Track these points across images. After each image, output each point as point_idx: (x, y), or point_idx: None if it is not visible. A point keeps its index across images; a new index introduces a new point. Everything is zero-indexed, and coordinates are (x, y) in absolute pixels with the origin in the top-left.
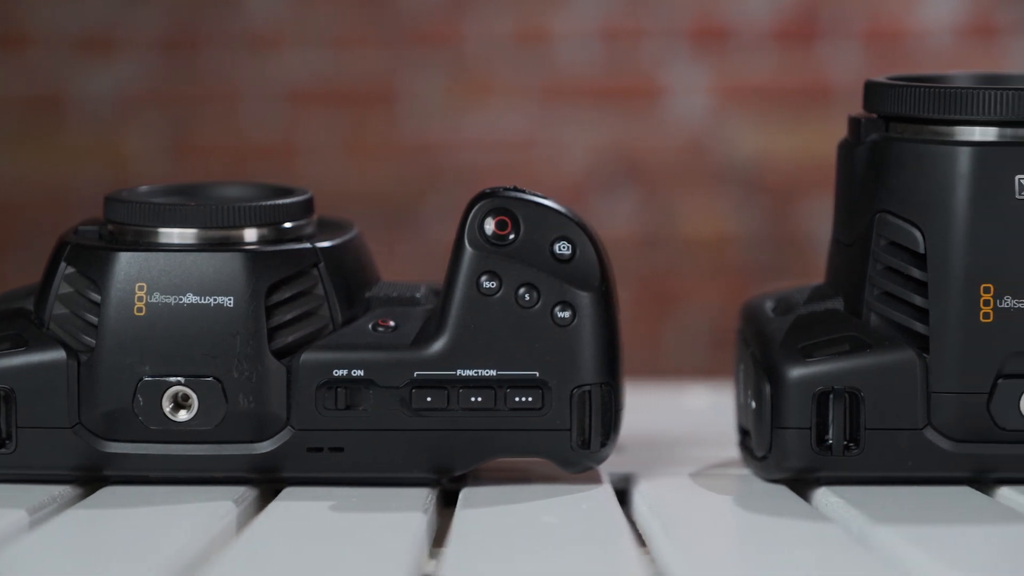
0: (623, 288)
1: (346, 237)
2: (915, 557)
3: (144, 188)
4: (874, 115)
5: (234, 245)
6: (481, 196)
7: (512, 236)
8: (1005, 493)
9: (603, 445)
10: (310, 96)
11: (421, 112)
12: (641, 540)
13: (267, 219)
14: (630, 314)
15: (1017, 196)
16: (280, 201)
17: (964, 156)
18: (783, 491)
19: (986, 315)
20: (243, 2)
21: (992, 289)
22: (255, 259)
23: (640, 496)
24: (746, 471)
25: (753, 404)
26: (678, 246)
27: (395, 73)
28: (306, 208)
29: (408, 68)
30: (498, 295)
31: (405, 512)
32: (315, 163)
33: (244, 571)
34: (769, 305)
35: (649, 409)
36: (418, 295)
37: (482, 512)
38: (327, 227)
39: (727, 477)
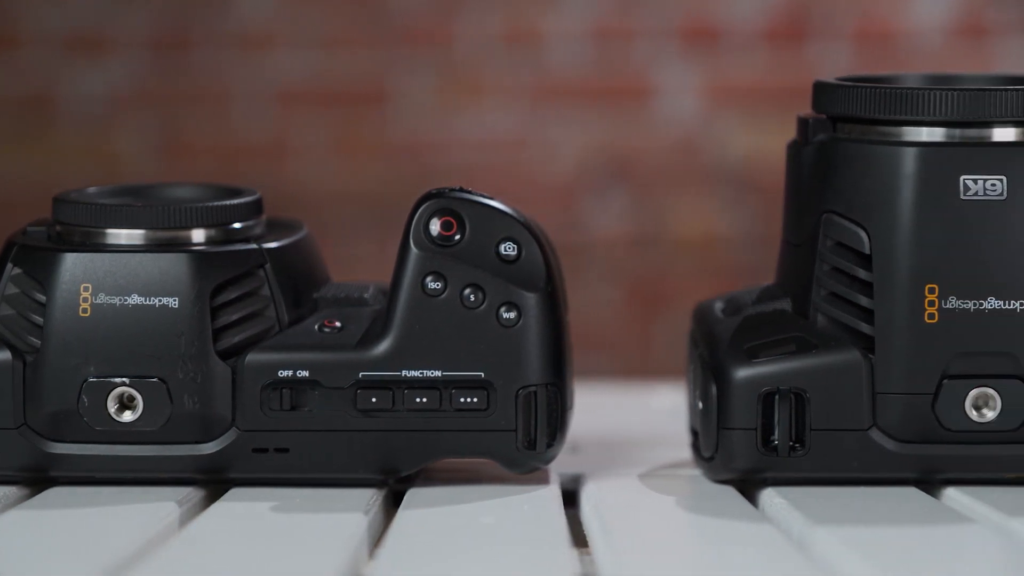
0: (614, 288)
1: (294, 238)
2: (848, 560)
3: (93, 189)
4: (823, 116)
5: (181, 246)
6: (427, 197)
7: (458, 237)
8: (951, 494)
9: (549, 446)
10: (301, 96)
11: (412, 112)
12: (586, 541)
13: (214, 220)
14: (621, 314)
15: (962, 197)
16: (227, 202)
17: (909, 156)
18: (729, 492)
19: (931, 316)
20: (233, 2)
21: (937, 290)
22: (200, 260)
23: (586, 497)
24: (696, 472)
25: (700, 405)
26: (669, 246)
27: (386, 73)
28: (254, 209)
29: (399, 68)
30: (443, 296)
31: (346, 513)
32: (306, 163)
33: (176, 571)
34: (719, 306)
35: (613, 409)
36: (366, 295)
37: (423, 513)
38: (276, 228)
39: (676, 478)
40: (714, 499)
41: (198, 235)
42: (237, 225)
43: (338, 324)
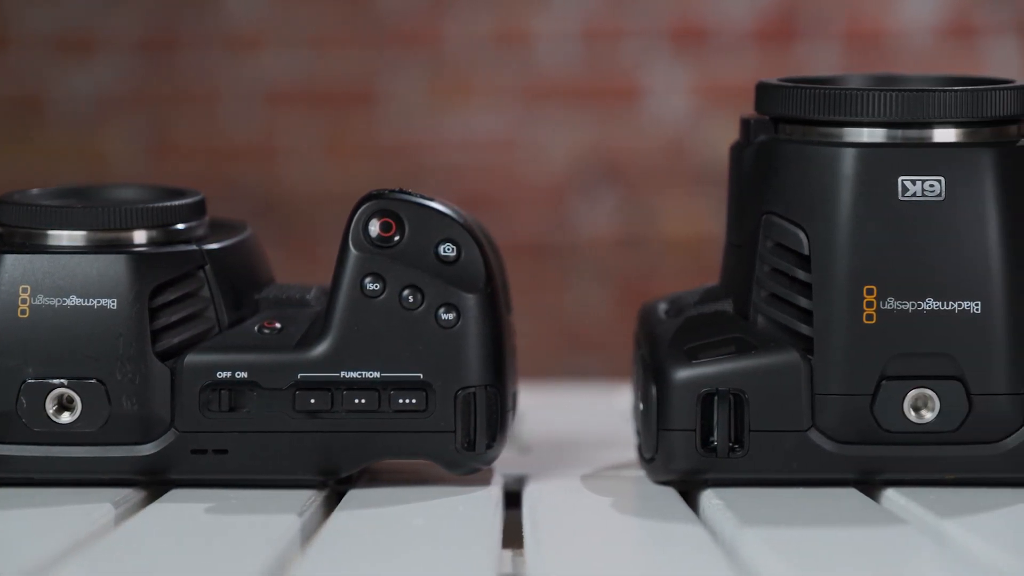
0: (603, 288)
1: (235, 239)
2: (769, 561)
3: (36, 191)
4: (765, 117)
5: (121, 247)
6: (367, 198)
7: (397, 238)
8: (890, 495)
9: (489, 447)
10: (290, 97)
11: (401, 113)
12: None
13: (154, 221)
14: (610, 314)
15: (900, 197)
16: (167, 203)
17: (847, 157)
18: (668, 493)
19: (869, 317)
20: (222, 3)
21: (875, 291)
22: (138, 261)
23: (527, 498)
24: (640, 474)
25: (641, 406)
26: (658, 246)
27: (375, 74)
28: (196, 210)
29: (388, 69)
30: (382, 297)
31: (280, 514)
32: (295, 164)
33: (99, 571)
34: (663, 307)
35: (572, 410)
36: (308, 297)
37: (357, 514)
38: (219, 229)
39: (618, 479)
40: (652, 500)
41: (139, 236)
42: (179, 226)
43: (278, 325)
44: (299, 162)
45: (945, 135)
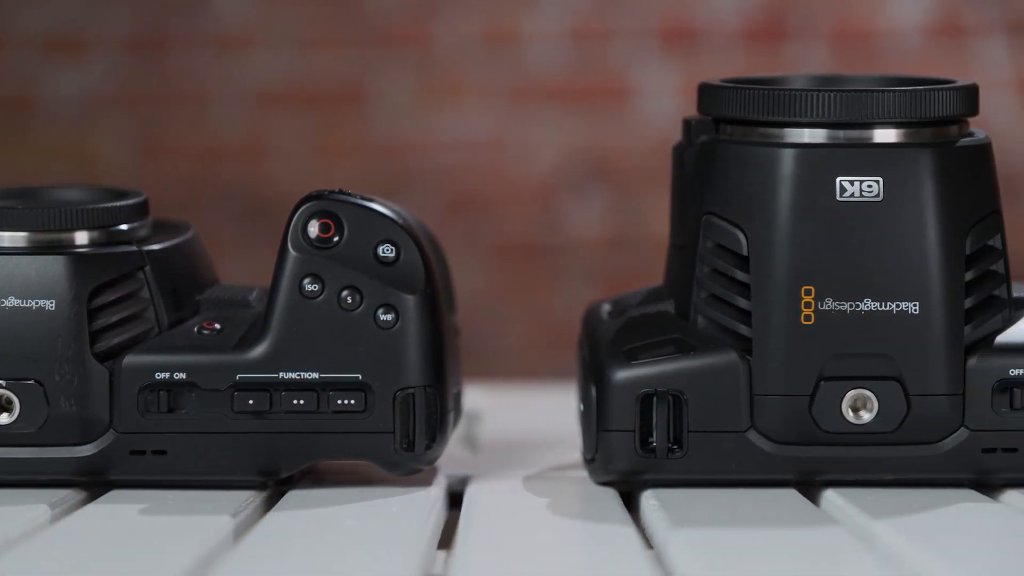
0: (592, 288)
1: (176, 240)
2: (692, 562)
3: None
4: (708, 117)
5: (62, 248)
6: (306, 199)
7: (336, 239)
8: (829, 496)
9: (428, 448)
10: (279, 97)
11: (390, 113)
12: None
13: (95, 222)
14: None
15: (838, 198)
16: (108, 204)
17: (786, 158)
18: (607, 494)
19: (807, 317)
20: (212, 3)
21: (813, 291)
22: (77, 262)
23: (467, 498)
24: (584, 474)
25: (582, 407)
26: (647, 247)
27: (364, 74)
28: (138, 211)
29: (377, 69)
30: (321, 298)
31: (214, 515)
32: (284, 164)
33: (20, 572)
34: (607, 308)
35: (537, 410)
36: (250, 298)
37: (291, 515)
38: (162, 230)
39: (561, 480)
40: (589, 501)
41: (80, 237)
42: (121, 227)
43: (217, 326)
44: (289, 162)
45: (885, 136)
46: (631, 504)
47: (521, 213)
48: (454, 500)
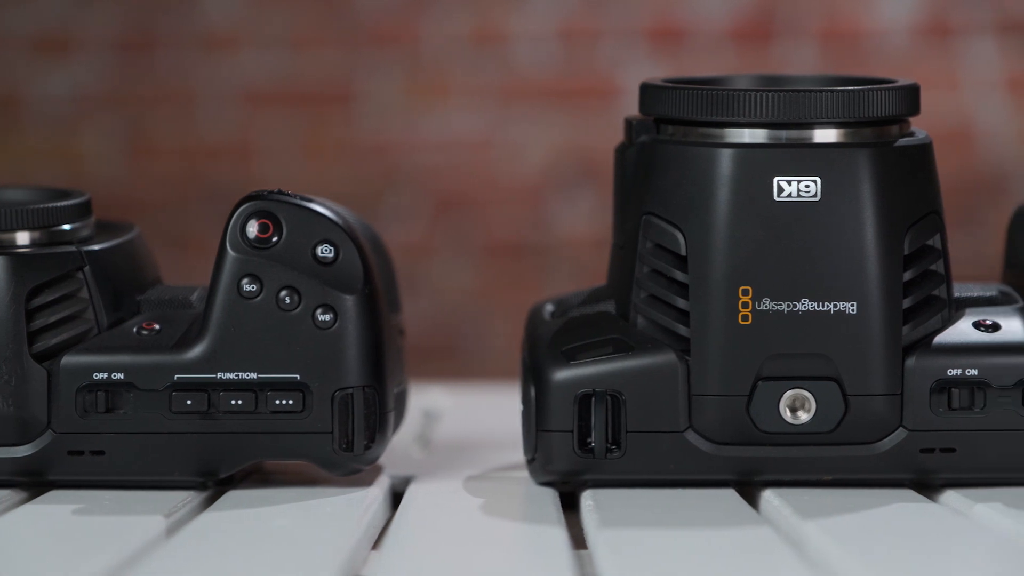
0: (580, 287)
1: (117, 240)
2: (613, 564)
3: None
4: (649, 117)
5: (2, 248)
6: (245, 199)
7: (275, 239)
8: (767, 496)
9: (367, 448)
10: (267, 97)
11: (378, 113)
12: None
13: (36, 223)
14: None
15: (776, 198)
16: (48, 204)
17: (724, 158)
18: (546, 495)
19: (745, 317)
20: (199, 3)
21: (751, 291)
22: (15, 262)
23: (406, 498)
24: (526, 474)
25: (522, 407)
26: None
27: (352, 74)
28: (80, 211)
29: (365, 69)
30: (259, 298)
31: (147, 515)
32: (272, 164)
33: None
34: (549, 308)
35: (492, 409)
36: (192, 298)
37: (223, 515)
38: (106, 230)
39: (503, 480)
40: (526, 502)
41: (21, 238)
42: (64, 227)
43: (156, 327)
44: (276, 162)
45: (825, 136)
46: (573, 504)
47: (509, 213)
48: (398, 500)
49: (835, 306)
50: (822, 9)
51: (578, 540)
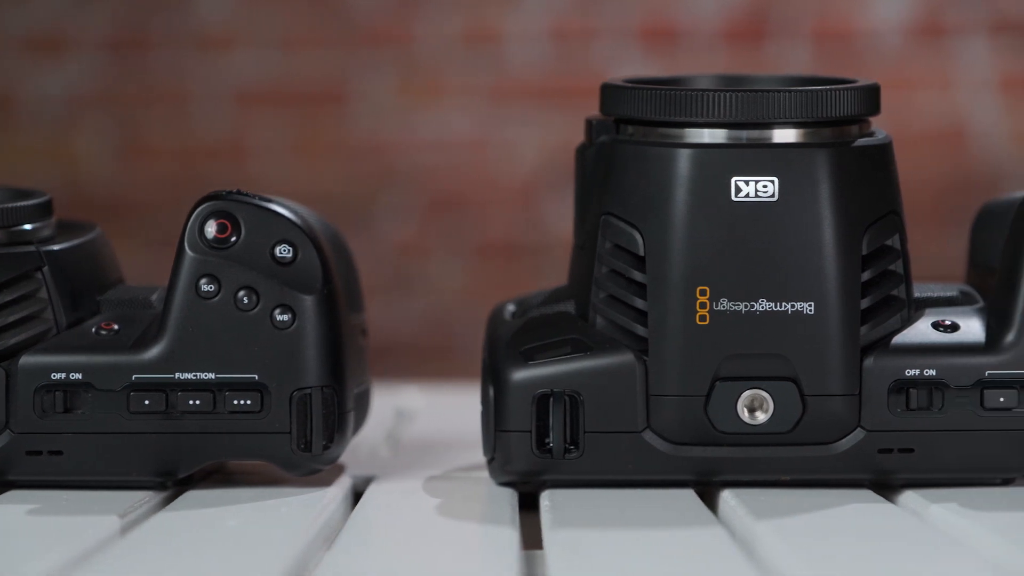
0: None
1: (78, 241)
2: (560, 565)
3: None
4: (609, 118)
5: None
6: (204, 199)
7: (233, 239)
8: (725, 497)
9: (326, 448)
10: (260, 97)
11: (372, 112)
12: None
13: None
14: None
15: (733, 198)
16: (8, 205)
17: (682, 158)
18: (504, 495)
19: (702, 318)
20: (192, 2)
21: (708, 292)
22: None
23: (364, 498)
24: (487, 474)
25: (482, 407)
26: None
27: (345, 73)
28: (40, 211)
29: (359, 68)
30: (217, 298)
31: (101, 515)
32: (265, 164)
33: None
34: (510, 308)
35: (466, 410)
36: (152, 298)
37: (177, 515)
38: (67, 230)
39: (464, 480)
40: (483, 502)
41: None
42: (24, 227)
43: (115, 327)
44: (270, 162)
45: (784, 136)
46: (533, 505)
47: (503, 213)
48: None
49: (792, 306)
50: (815, 9)
51: (536, 540)
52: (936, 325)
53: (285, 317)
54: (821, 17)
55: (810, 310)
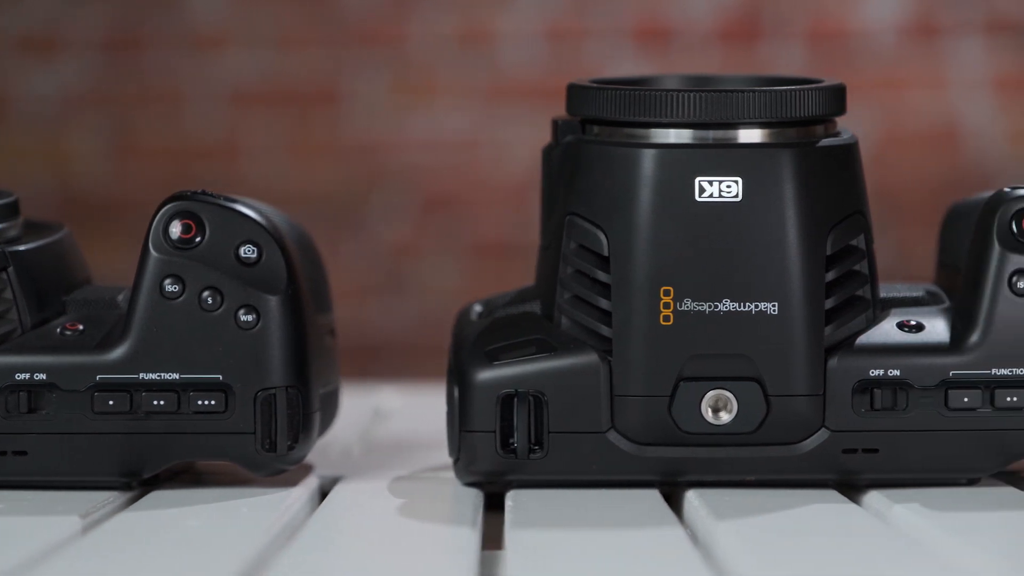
0: None
1: (43, 241)
2: (514, 563)
3: None
4: (576, 118)
5: None
6: (168, 199)
7: (198, 239)
8: (690, 497)
9: (291, 448)
10: (253, 96)
11: (365, 112)
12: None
13: None
14: None
15: (697, 198)
16: None
17: (645, 158)
18: (469, 495)
19: (666, 318)
20: (186, 2)
21: (672, 292)
22: None
23: (328, 499)
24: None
25: (447, 408)
26: None
27: (339, 73)
28: (6, 212)
29: (352, 68)
30: (181, 299)
31: (62, 515)
32: (259, 164)
33: None
34: (477, 309)
35: (441, 409)
36: (118, 299)
37: (139, 515)
38: (33, 230)
39: (430, 480)
40: (448, 503)
41: None
42: None
43: (80, 327)
44: (263, 162)
45: (749, 136)
46: (499, 505)
47: (496, 212)
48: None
49: (756, 306)
50: (808, 9)
51: (500, 541)
52: (901, 325)
53: (249, 317)
54: (815, 17)
55: (774, 310)
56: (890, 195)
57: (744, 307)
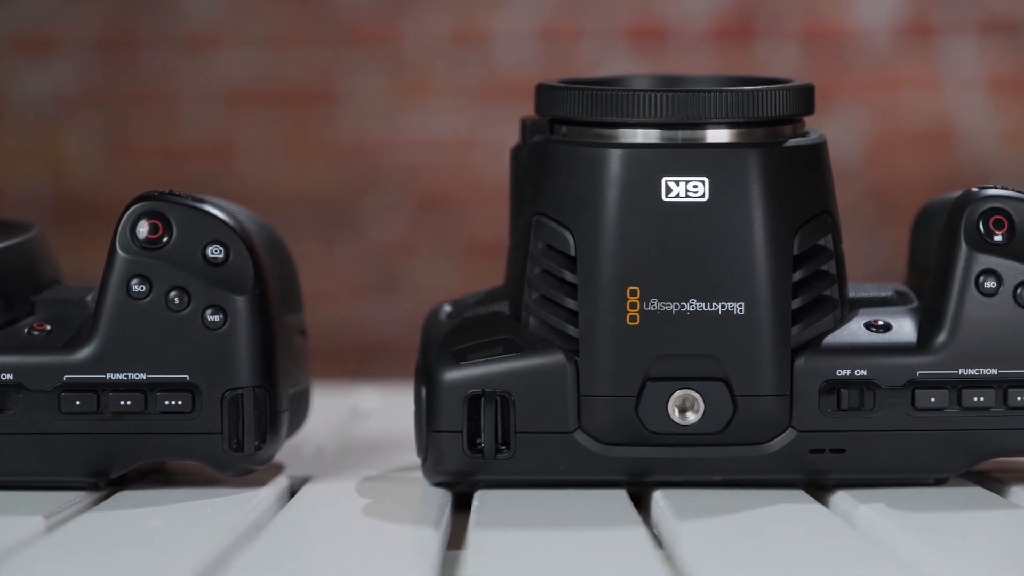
0: None
1: (12, 241)
2: (474, 563)
3: None
4: (544, 118)
5: None
6: (135, 200)
7: (165, 239)
8: (657, 497)
9: (259, 448)
10: (248, 96)
11: (360, 112)
12: None
13: None
14: None
15: (664, 198)
16: None
17: (612, 158)
18: (436, 496)
19: (633, 318)
20: (181, 2)
21: (639, 292)
22: None
23: (296, 499)
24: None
25: (415, 408)
26: None
27: (333, 73)
28: None
29: (346, 68)
30: (148, 299)
31: (26, 515)
32: (253, 163)
33: None
34: (447, 309)
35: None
36: (87, 299)
37: (103, 515)
38: (2, 230)
39: (399, 481)
40: (414, 503)
41: None
42: None
43: (48, 327)
44: (258, 162)
45: (717, 136)
46: (468, 505)
47: (491, 212)
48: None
49: (723, 307)
50: (803, 9)
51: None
52: (868, 325)
53: (217, 317)
54: (809, 17)
55: (741, 310)
56: (884, 195)
57: (711, 307)
